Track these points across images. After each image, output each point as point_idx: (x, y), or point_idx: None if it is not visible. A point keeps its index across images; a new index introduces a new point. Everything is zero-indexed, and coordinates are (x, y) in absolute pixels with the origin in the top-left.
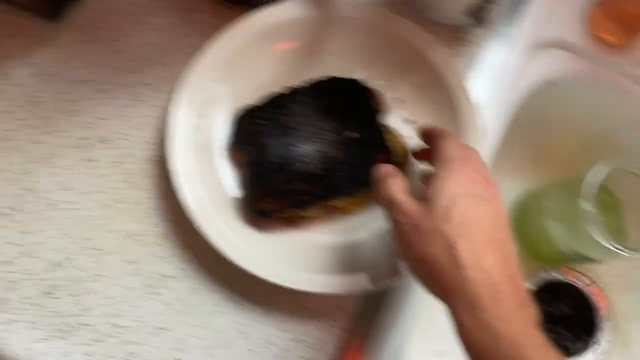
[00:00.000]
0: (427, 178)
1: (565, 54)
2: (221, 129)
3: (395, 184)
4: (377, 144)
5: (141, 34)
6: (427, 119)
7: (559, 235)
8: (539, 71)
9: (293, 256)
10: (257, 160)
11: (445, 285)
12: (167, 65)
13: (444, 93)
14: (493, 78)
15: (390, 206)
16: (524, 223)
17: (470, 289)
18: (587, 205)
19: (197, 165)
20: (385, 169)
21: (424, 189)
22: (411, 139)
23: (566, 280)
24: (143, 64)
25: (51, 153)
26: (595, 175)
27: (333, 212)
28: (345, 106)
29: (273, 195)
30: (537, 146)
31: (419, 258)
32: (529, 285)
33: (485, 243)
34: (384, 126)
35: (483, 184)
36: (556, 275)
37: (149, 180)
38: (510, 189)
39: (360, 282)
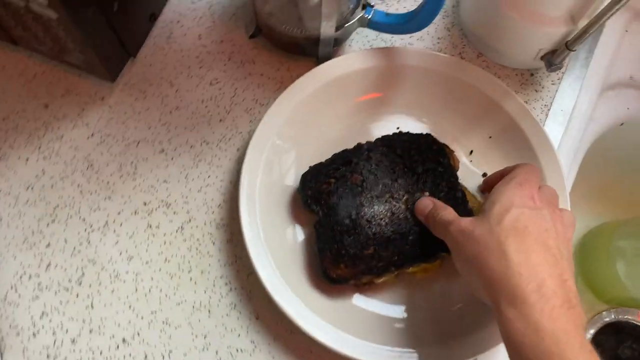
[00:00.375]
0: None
1: (636, 92)
2: (291, 189)
3: (448, 213)
4: (457, 208)
5: (198, 88)
6: (497, 169)
7: (630, 278)
8: (608, 112)
9: (368, 326)
10: (326, 221)
11: (492, 277)
12: (227, 121)
13: (520, 142)
14: (564, 121)
15: (446, 226)
16: (591, 262)
17: (514, 281)
18: None
19: (266, 229)
20: (430, 202)
21: None
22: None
23: (634, 322)
24: (202, 121)
25: (111, 220)
26: None
27: (408, 277)
28: (418, 163)
29: (346, 262)
30: (604, 185)
31: (469, 258)
32: (592, 327)
33: (534, 244)
34: (464, 187)
35: (546, 204)
36: (624, 316)
37: (213, 247)
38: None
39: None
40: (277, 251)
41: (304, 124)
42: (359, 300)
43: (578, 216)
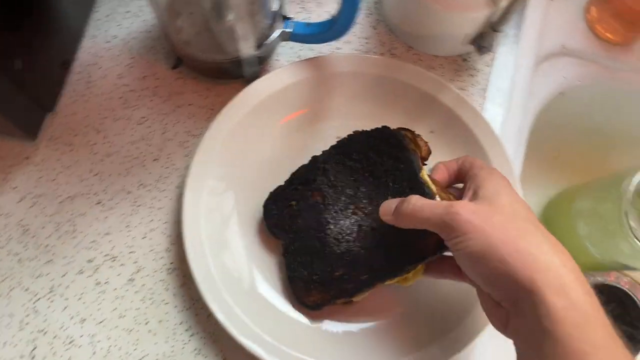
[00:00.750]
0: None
1: (570, 60)
2: (237, 219)
3: (424, 199)
4: None
5: (126, 130)
6: None
7: (590, 240)
8: (546, 84)
9: (342, 349)
10: (293, 247)
11: (535, 266)
12: (161, 160)
13: (462, 132)
14: (503, 102)
15: (446, 209)
16: (555, 231)
17: (561, 271)
18: (630, 213)
19: (220, 267)
20: (395, 200)
21: None
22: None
23: (607, 282)
24: (135, 164)
25: (57, 285)
26: (637, 180)
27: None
28: (377, 165)
29: (317, 287)
30: (556, 154)
31: (495, 245)
32: None
33: (552, 236)
34: (433, 181)
35: None
36: (597, 278)
37: (167, 293)
38: (535, 198)
39: None
40: (235, 287)
41: (242, 147)
42: (330, 324)
43: (536, 189)
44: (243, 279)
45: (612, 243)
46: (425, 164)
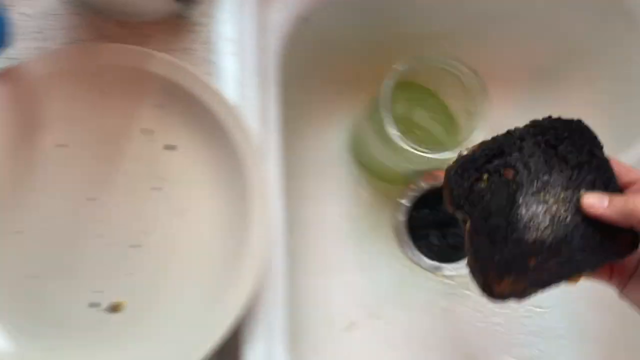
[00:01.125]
0: None
1: None
2: None
3: None
4: None
5: None
6: (190, 140)
7: (382, 152)
8: (281, 14)
9: None
10: (480, 226)
11: None
12: None
13: (188, 98)
14: (237, 49)
15: None
16: (360, 149)
17: None
18: (386, 116)
19: None
20: (602, 195)
21: None
22: None
23: (432, 185)
24: None
25: None
26: (389, 81)
27: None
28: (572, 155)
29: (511, 274)
30: (328, 79)
31: None
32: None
33: None
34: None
35: None
36: (421, 185)
37: None
38: (337, 125)
39: None
40: None
41: None
42: None
43: (337, 125)
44: None
45: (394, 154)
46: None
